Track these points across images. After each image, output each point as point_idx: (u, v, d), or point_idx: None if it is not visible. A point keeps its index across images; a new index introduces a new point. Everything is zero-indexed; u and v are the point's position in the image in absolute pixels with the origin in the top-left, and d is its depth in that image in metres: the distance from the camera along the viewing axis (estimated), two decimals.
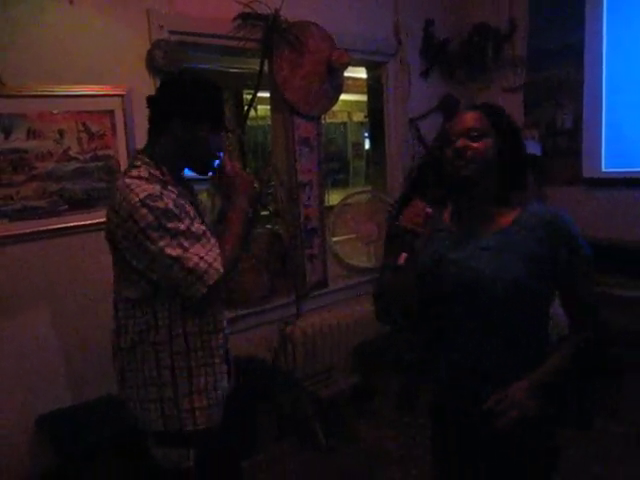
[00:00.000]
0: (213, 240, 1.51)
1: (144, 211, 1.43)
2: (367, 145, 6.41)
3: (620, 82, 3.29)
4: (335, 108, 6.51)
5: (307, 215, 3.27)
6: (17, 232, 2.36)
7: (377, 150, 3.89)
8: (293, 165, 3.17)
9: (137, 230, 1.45)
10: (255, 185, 1.67)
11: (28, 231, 2.39)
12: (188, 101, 1.57)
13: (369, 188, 4.22)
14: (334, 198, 4.48)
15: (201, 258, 1.45)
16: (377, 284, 1.55)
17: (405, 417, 3.14)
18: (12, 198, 2.34)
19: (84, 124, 2.49)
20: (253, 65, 3.10)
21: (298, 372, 3.12)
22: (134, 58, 2.59)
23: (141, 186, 1.47)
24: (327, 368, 3.23)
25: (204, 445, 1.63)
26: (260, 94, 3.88)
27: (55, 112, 2.42)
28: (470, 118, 1.36)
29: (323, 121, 6.36)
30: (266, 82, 3.11)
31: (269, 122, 3.47)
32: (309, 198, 3.26)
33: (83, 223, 2.49)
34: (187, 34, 2.73)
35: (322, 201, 3.38)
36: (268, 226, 3.38)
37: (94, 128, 2.52)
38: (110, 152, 2.57)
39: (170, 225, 1.44)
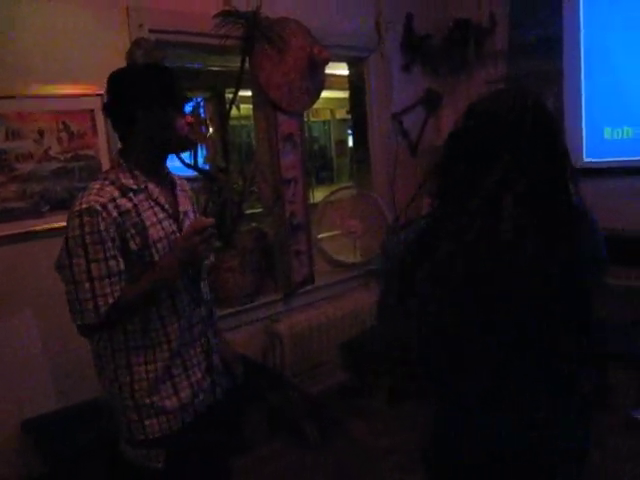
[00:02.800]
0: (120, 284, 1.48)
1: (77, 222, 1.44)
2: (350, 142, 6.45)
3: (599, 72, 3.32)
4: (318, 106, 6.54)
5: (292, 211, 3.25)
6: None
7: (360, 146, 3.89)
8: (277, 162, 3.16)
9: (65, 235, 1.47)
10: (202, 255, 1.58)
11: (9, 233, 2.36)
12: (141, 87, 1.56)
13: (352, 184, 4.23)
14: (318, 195, 4.47)
15: (94, 297, 1.44)
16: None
17: (395, 411, 3.14)
18: None
19: (64, 124, 2.47)
20: (235, 63, 3.09)
21: (287, 370, 3.11)
22: (114, 57, 2.54)
23: (90, 195, 1.47)
24: (315, 365, 3.22)
25: (174, 445, 1.63)
26: (243, 93, 3.88)
27: (34, 112, 2.39)
28: None
29: (306, 119, 6.42)
30: (248, 80, 3.10)
31: (252, 121, 3.45)
32: (293, 194, 3.24)
33: (65, 224, 2.45)
34: (167, 32, 2.71)
35: (306, 197, 3.38)
36: (253, 224, 3.38)
37: (74, 127, 2.49)
38: (91, 152, 2.54)
39: (90, 248, 1.44)
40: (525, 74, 3.54)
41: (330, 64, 3.87)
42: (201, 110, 3.04)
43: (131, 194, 1.54)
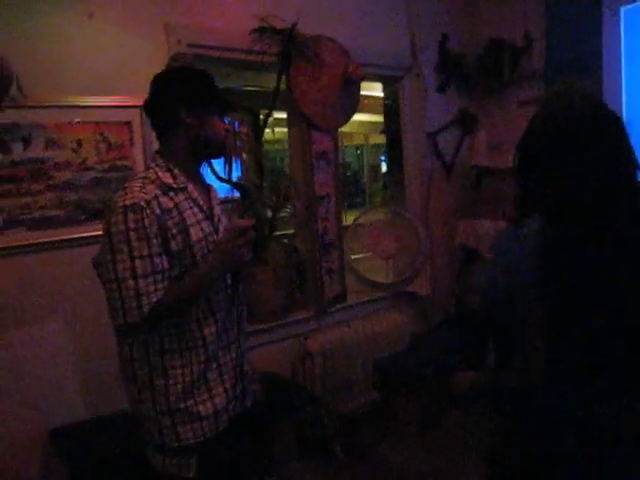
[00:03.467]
0: (164, 283, 1.47)
1: (120, 218, 1.42)
2: (384, 168, 6.42)
3: None
4: (351, 129, 6.61)
5: (325, 229, 3.23)
6: (35, 241, 2.36)
7: (394, 165, 3.87)
8: (310, 179, 3.15)
9: (107, 231, 1.45)
10: (245, 257, 1.56)
11: (46, 240, 2.39)
12: (188, 89, 1.59)
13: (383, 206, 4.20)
14: (350, 219, 4.44)
15: (138, 295, 1.41)
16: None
17: (428, 437, 3.04)
18: (30, 207, 2.35)
19: (102, 134, 2.51)
20: (269, 84, 3.11)
21: (317, 388, 3.05)
22: (153, 71, 2.59)
23: (133, 192, 1.47)
24: (346, 384, 3.16)
25: (206, 455, 1.59)
26: (278, 115, 3.91)
27: (73, 122, 2.44)
28: None
29: (340, 144, 6.44)
30: (282, 101, 3.13)
31: (287, 145, 3.47)
32: (326, 211, 3.23)
33: (100, 233, 2.47)
34: (205, 47, 2.75)
35: (340, 215, 3.35)
36: (285, 240, 3.36)
37: (112, 138, 2.53)
38: (128, 163, 2.57)
39: (135, 244, 1.42)
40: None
41: (364, 85, 3.91)
42: (236, 124, 3.06)
43: (172, 193, 1.54)
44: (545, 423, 1.28)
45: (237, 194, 3.04)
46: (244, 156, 3.18)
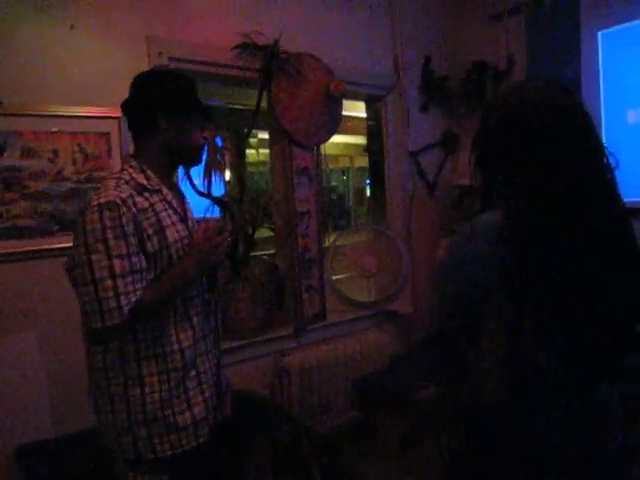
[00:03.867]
0: (142, 283, 1.43)
1: (96, 216, 1.38)
2: (369, 192, 6.44)
3: (618, 113, 3.29)
4: (337, 152, 6.63)
5: (305, 245, 3.21)
6: (6, 251, 2.31)
7: (377, 185, 3.88)
8: (291, 195, 3.14)
9: (81, 230, 1.39)
10: (220, 257, 1.58)
11: (18, 250, 2.34)
12: (168, 94, 1.57)
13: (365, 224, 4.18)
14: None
15: (117, 295, 1.36)
16: None
17: (406, 457, 2.98)
18: (2, 216, 2.30)
19: (79, 145, 2.48)
20: (254, 101, 3.11)
21: (295, 406, 2.99)
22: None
23: (108, 190, 1.43)
24: (325, 403, 3.10)
25: (182, 470, 1.54)
26: (262, 135, 3.91)
27: (51, 132, 2.41)
28: None
29: (325, 167, 6.45)
30: (265, 120, 3.13)
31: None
32: (307, 228, 3.21)
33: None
34: (186, 61, 2.74)
35: (321, 232, 3.33)
36: (264, 257, 3.33)
37: (89, 149, 2.51)
38: (105, 174, 2.53)
39: (112, 242, 1.37)
40: None
41: (349, 106, 3.94)
42: (218, 140, 3.05)
43: (147, 194, 1.51)
44: (494, 445, 1.23)
45: (216, 212, 3.03)
46: (226, 172, 3.17)
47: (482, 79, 3.70)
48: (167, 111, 1.56)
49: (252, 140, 5.55)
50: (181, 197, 1.69)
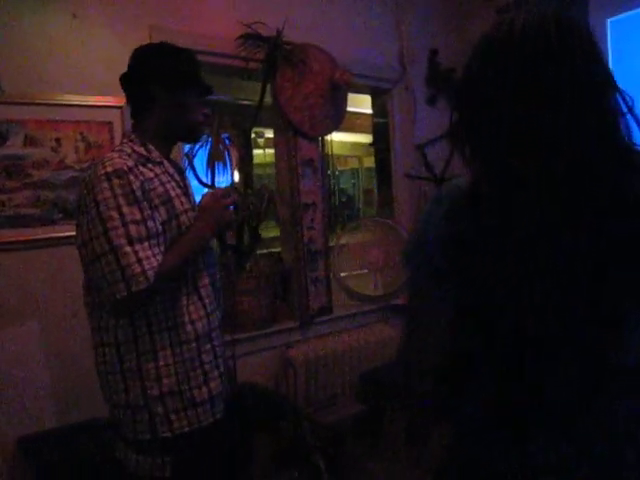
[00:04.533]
0: (160, 247, 1.40)
1: (105, 185, 1.35)
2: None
3: None
4: (346, 152, 6.60)
5: (310, 238, 3.18)
6: (8, 240, 2.30)
7: (383, 178, 3.84)
8: (296, 186, 3.12)
9: (91, 203, 1.36)
10: (231, 217, 1.60)
11: (21, 239, 2.33)
12: (167, 67, 1.55)
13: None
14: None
15: (139, 260, 1.33)
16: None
17: (412, 451, 2.93)
18: (4, 205, 2.30)
19: (82, 134, 2.48)
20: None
21: (300, 399, 2.96)
22: None
23: (113, 159, 1.41)
24: (330, 396, 3.07)
25: (184, 452, 1.50)
26: (269, 135, 3.89)
27: (53, 120, 2.41)
28: None
29: (333, 169, 6.43)
30: (270, 116, 3.12)
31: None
32: (312, 220, 3.18)
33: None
34: None
35: (326, 224, 3.31)
36: (270, 249, 3.31)
37: (92, 138, 2.50)
38: None
39: (126, 209, 1.35)
40: None
41: (355, 101, 3.91)
42: (225, 138, 3.02)
43: (150, 165, 1.49)
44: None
45: None
46: (234, 164, 3.15)
47: None
48: (166, 84, 1.53)
49: (259, 140, 5.57)
50: (181, 172, 1.67)
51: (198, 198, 1.70)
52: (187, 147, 2.74)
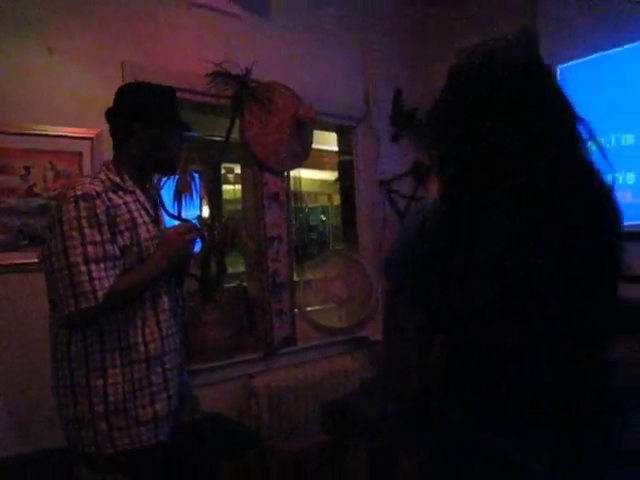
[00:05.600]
0: (115, 270, 1.50)
1: (72, 206, 1.47)
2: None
3: None
4: (316, 189, 6.72)
5: (275, 270, 3.25)
6: None
7: (349, 215, 3.95)
8: (262, 219, 3.19)
9: (57, 222, 1.47)
10: (189, 252, 1.69)
11: None
12: (147, 106, 1.67)
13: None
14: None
15: (91, 279, 1.43)
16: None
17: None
18: None
19: (51, 163, 2.53)
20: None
21: (263, 429, 2.97)
22: (106, 104, 2.65)
23: (84, 184, 1.53)
24: (293, 425, 3.08)
25: (136, 467, 1.54)
26: (239, 171, 3.98)
27: (24, 149, 2.46)
28: None
29: (303, 205, 6.52)
30: (238, 152, 3.22)
31: None
32: (277, 252, 3.25)
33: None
34: None
35: (291, 257, 3.38)
36: (234, 282, 3.36)
37: (61, 167, 2.56)
38: None
39: (87, 231, 1.45)
40: None
41: (322, 139, 4.05)
42: (195, 175, 3.10)
43: (121, 192, 1.60)
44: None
45: None
46: (202, 197, 3.22)
47: None
48: (145, 121, 1.64)
49: (229, 175, 5.66)
50: (154, 202, 1.75)
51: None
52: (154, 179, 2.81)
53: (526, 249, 0.93)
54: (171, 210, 2.89)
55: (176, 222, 2.83)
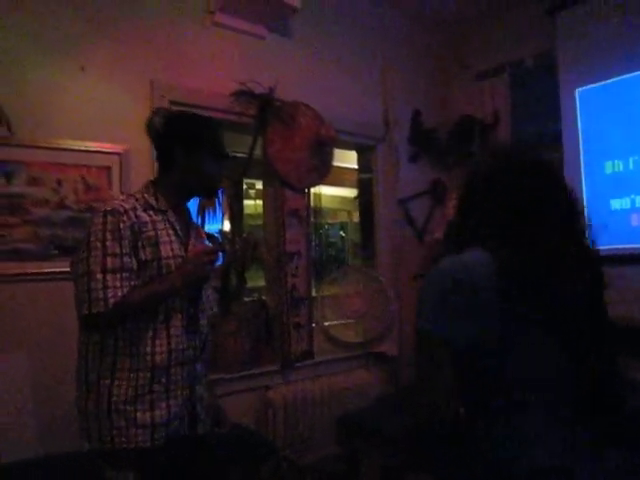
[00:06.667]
0: (130, 281, 1.60)
1: (100, 220, 1.61)
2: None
3: (596, 165, 3.46)
4: (335, 206, 6.78)
5: (294, 284, 3.32)
6: (5, 272, 2.43)
7: (367, 232, 4.02)
8: (282, 235, 3.27)
9: (87, 232, 1.62)
10: (206, 274, 1.74)
11: (17, 272, 2.46)
12: (189, 134, 1.76)
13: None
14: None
15: (105, 287, 1.55)
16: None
17: None
18: (4, 239, 2.44)
19: (82, 176, 2.64)
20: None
21: (279, 440, 3.02)
22: (135, 121, 2.76)
23: (115, 201, 1.68)
24: (308, 438, 3.12)
25: (141, 464, 1.62)
26: (260, 186, 4.08)
27: (56, 163, 2.57)
28: None
29: (322, 221, 6.57)
30: (260, 168, 3.32)
31: None
32: (296, 268, 3.32)
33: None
34: (185, 105, 2.92)
35: (310, 273, 3.44)
36: (254, 296, 3.43)
37: (91, 181, 2.67)
38: None
39: (109, 243, 1.58)
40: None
41: (343, 157, 4.13)
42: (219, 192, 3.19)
43: (151, 212, 1.71)
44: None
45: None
46: (224, 211, 3.32)
47: (469, 132, 3.90)
48: (187, 149, 1.74)
49: (251, 191, 5.75)
50: (187, 226, 1.84)
51: None
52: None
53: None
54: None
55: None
